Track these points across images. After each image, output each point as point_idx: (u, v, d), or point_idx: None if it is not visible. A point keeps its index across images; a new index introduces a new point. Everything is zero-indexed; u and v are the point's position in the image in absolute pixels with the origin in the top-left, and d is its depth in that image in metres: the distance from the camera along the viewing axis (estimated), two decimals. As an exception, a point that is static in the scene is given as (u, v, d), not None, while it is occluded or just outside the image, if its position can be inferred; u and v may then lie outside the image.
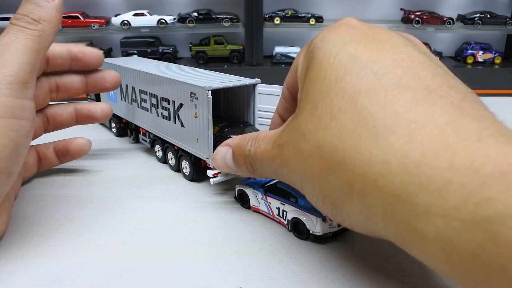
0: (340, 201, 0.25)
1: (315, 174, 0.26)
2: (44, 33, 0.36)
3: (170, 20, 1.75)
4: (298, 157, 0.27)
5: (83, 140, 0.51)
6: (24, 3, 0.37)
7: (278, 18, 1.63)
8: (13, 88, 0.33)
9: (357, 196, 0.24)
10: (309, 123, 0.26)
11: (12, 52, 0.34)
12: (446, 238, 0.19)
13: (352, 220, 0.25)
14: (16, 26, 0.35)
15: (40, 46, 0.36)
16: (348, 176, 0.24)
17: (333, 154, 0.24)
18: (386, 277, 0.32)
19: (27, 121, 0.35)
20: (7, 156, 0.33)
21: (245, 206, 0.43)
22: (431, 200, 0.20)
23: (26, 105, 0.35)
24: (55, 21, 0.37)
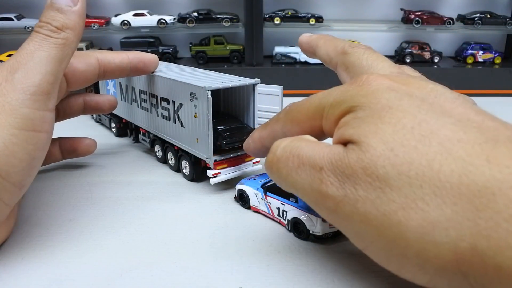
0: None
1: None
2: (67, 41, 0.35)
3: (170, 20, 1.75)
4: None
5: (91, 141, 0.52)
6: (47, 10, 0.35)
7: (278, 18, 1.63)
8: (36, 99, 0.32)
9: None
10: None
11: (36, 61, 0.33)
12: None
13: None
14: (40, 34, 0.34)
15: (64, 54, 0.35)
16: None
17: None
18: (386, 277, 0.32)
19: (45, 133, 0.34)
20: (22, 169, 0.32)
21: (245, 206, 0.43)
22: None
23: (47, 117, 0.34)
24: (79, 28, 0.36)
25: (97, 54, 0.45)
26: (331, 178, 0.25)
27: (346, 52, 0.37)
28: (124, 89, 0.60)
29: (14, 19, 1.13)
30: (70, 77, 0.42)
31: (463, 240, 0.20)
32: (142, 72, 0.50)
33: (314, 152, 0.27)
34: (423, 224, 0.21)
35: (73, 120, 0.52)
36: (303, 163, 0.27)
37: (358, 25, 1.31)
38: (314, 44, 0.42)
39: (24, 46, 0.34)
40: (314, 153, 0.27)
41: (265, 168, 0.31)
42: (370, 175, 0.23)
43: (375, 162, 0.23)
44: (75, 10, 0.36)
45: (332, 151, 0.26)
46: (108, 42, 1.50)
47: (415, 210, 0.22)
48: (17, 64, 0.33)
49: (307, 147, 0.27)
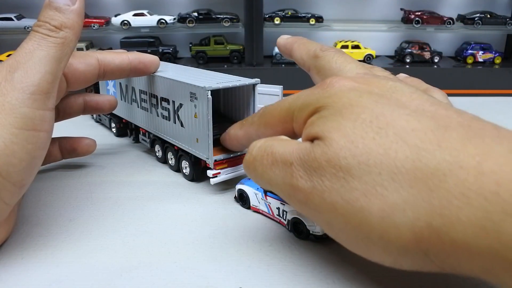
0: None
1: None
2: (66, 40, 0.35)
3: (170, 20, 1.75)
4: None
5: (90, 141, 0.52)
6: (45, 9, 0.36)
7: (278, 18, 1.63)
8: (35, 98, 0.32)
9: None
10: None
11: (35, 60, 0.33)
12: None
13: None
14: (38, 33, 0.34)
15: (63, 54, 0.35)
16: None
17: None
18: (386, 277, 0.32)
19: (45, 133, 0.34)
20: (22, 169, 0.32)
21: (245, 206, 0.43)
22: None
23: (46, 116, 0.34)
24: (77, 26, 0.37)
25: (97, 55, 0.45)
26: (300, 172, 0.27)
27: (318, 56, 0.40)
28: (124, 89, 0.60)
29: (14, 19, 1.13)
30: (69, 77, 0.42)
31: (420, 220, 0.22)
32: (142, 73, 0.50)
33: (285, 149, 0.29)
34: (383, 208, 0.23)
35: (73, 120, 0.52)
36: (276, 160, 0.29)
37: (358, 25, 1.31)
38: (290, 48, 0.45)
39: (23, 46, 0.34)
40: (285, 150, 0.29)
41: (244, 167, 0.33)
42: (334, 167, 0.25)
43: (337, 154, 0.25)
44: (73, 9, 0.36)
45: (300, 147, 0.28)
46: (108, 42, 1.50)
47: (375, 196, 0.23)
48: (16, 63, 0.33)
49: (279, 145, 0.29)
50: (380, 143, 0.24)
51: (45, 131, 0.34)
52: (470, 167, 0.21)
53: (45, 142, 0.35)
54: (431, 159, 0.22)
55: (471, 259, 0.21)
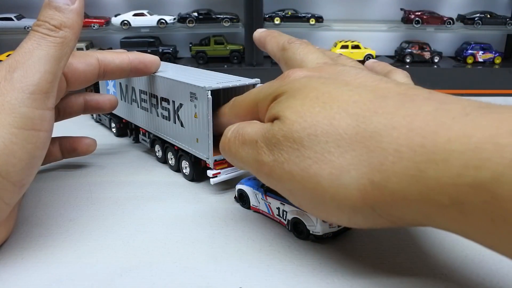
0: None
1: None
2: (66, 40, 0.35)
3: (170, 20, 1.75)
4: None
5: (91, 141, 0.52)
6: (44, 8, 0.36)
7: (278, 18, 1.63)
8: (35, 98, 0.32)
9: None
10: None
11: (35, 60, 0.33)
12: (459, 202, 0.21)
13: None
14: (38, 33, 0.34)
15: (62, 53, 0.35)
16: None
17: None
18: (386, 277, 0.32)
19: (45, 132, 0.34)
20: (21, 169, 0.32)
21: (245, 206, 0.43)
22: (440, 172, 0.22)
23: (46, 116, 0.34)
24: (77, 26, 0.36)
25: (97, 54, 0.45)
26: (264, 148, 0.30)
27: (285, 48, 0.43)
28: (124, 89, 0.60)
29: (14, 19, 1.13)
30: (69, 77, 0.42)
31: (363, 178, 0.25)
32: (142, 73, 0.50)
33: (252, 130, 0.33)
34: (332, 172, 0.26)
35: (73, 120, 0.52)
36: (245, 140, 0.33)
37: (358, 25, 1.30)
38: (263, 41, 0.47)
39: (22, 45, 0.34)
40: (252, 130, 0.32)
41: (220, 149, 0.36)
42: (288, 140, 0.28)
43: (291, 129, 0.28)
44: (73, 9, 0.36)
45: (263, 127, 0.31)
46: (108, 42, 1.50)
47: (324, 162, 0.27)
48: (15, 63, 0.33)
49: (249, 127, 0.33)
50: (325, 116, 0.27)
51: (45, 130, 0.34)
52: (402, 126, 0.24)
53: (45, 141, 0.35)
54: (369, 123, 0.26)
55: (410, 208, 0.24)
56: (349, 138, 0.26)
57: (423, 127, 0.23)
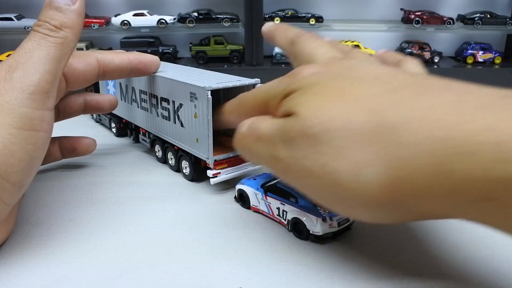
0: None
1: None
2: (66, 40, 0.35)
3: (170, 20, 1.75)
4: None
5: (90, 141, 0.52)
6: (45, 8, 0.35)
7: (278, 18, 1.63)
8: (34, 98, 0.32)
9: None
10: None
11: (35, 60, 0.33)
12: (491, 197, 0.21)
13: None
14: (38, 33, 0.34)
15: (63, 53, 0.35)
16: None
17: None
18: (386, 277, 0.32)
19: (45, 133, 0.34)
20: (21, 169, 0.32)
21: (245, 206, 0.43)
22: (467, 165, 0.21)
23: (46, 116, 0.34)
24: (77, 26, 0.36)
25: (96, 55, 0.45)
26: (279, 144, 0.29)
27: (293, 42, 0.41)
28: (124, 89, 0.60)
29: (14, 19, 1.13)
30: (69, 77, 0.42)
31: (384, 173, 0.24)
32: (142, 74, 0.50)
33: (266, 125, 0.32)
34: (351, 168, 0.25)
35: (73, 120, 0.52)
36: (260, 136, 0.32)
37: (358, 25, 1.30)
38: (272, 35, 0.46)
39: (22, 45, 0.34)
40: (267, 126, 0.32)
41: (234, 145, 0.35)
42: (304, 136, 0.28)
43: (306, 125, 0.28)
44: (73, 9, 0.36)
45: (277, 122, 0.31)
46: (108, 42, 1.50)
47: (342, 157, 0.26)
48: (15, 63, 0.33)
49: (263, 122, 0.33)
50: (340, 111, 0.27)
51: (44, 131, 0.34)
52: (420, 119, 0.24)
53: (44, 142, 0.35)
54: (386, 117, 0.25)
55: (437, 202, 0.23)
56: (366, 133, 0.25)
57: (444, 119, 0.23)
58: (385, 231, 0.38)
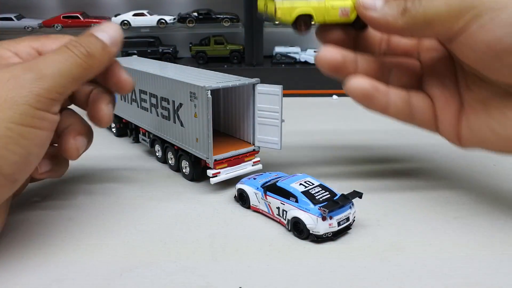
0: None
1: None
2: (90, 68, 0.36)
3: (170, 20, 1.75)
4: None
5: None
6: (88, 36, 0.37)
7: (278, 18, 1.63)
8: (39, 100, 0.33)
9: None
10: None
11: (55, 70, 0.34)
12: None
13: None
14: (71, 51, 0.35)
15: (82, 76, 0.36)
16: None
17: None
18: (386, 277, 0.32)
19: (45, 131, 0.34)
20: (14, 162, 0.32)
21: (245, 206, 0.43)
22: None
23: (47, 117, 0.34)
24: (105, 65, 0.38)
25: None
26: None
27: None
28: (124, 89, 0.60)
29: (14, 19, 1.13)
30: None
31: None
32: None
33: None
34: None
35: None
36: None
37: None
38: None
39: (50, 56, 0.35)
40: None
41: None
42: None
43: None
44: (110, 51, 0.37)
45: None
46: (108, 42, 1.47)
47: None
48: (33, 67, 0.34)
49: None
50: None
51: (45, 129, 0.34)
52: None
53: (43, 140, 0.35)
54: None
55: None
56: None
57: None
58: (385, 231, 0.38)
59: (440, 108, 0.42)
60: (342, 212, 0.37)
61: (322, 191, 0.38)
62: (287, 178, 0.41)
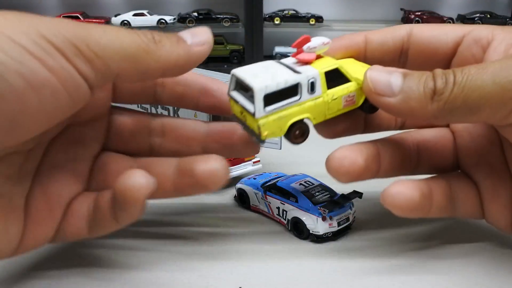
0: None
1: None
2: (155, 54, 0.26)
3: (170, 20, 1.75)
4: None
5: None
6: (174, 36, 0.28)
7: (278, 18, 1.63)
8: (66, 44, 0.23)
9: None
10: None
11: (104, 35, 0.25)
12: None
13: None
14: (134, 33, 0.26)
15: (142, 60, 0.26)
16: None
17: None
18: (386, 277, 0.32)
19: (54, 80, 0.23)
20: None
21: (245, 206, 0.43)
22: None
23: (66, 66, 0.23)
24: (176, 60, 0.28)
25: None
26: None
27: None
28: (124, 89, 0.60)
29: (14, 19, 1.13)
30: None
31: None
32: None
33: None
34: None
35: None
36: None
37: (358, 25, 1.30)
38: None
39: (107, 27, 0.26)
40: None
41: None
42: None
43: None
44: (187, 48, 0.28)
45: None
46: (108, 42, 1.48)
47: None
48: (84, 31, 0.24)
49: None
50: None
51: (60, 82, 0.23)
52: None
53: (43, 78, 0.23)
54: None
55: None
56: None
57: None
58: (385, 231, 0.38)
59: (488, 197, 0.32)
60: (342, 212, 0.37)
61: (322, 191, 0.38)
62: (287, 178, 0.41)
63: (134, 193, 0.26)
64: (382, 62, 0.31)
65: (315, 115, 0.29)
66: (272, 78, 0.27)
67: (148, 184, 0.26)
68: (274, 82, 0.27)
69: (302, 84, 0.28)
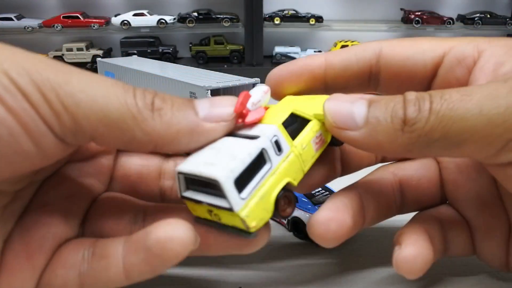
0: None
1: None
2: (145, 121, 0.22)
3: (170, 20, 1.75)
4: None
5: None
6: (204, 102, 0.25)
7: (278, 18, 1.63)
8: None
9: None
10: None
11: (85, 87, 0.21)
12: None
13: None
14: (129, 88, 0.22)
15: (125, 125, 0.22)
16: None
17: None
18: (386, 277, 0.32)
19: (14, 120, 0.20)
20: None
21: (245, 206, 0.43)
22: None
23: (25, 107, 0.20)
24: (184, 131, 0.23)
25: None
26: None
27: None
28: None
29: (14, 19, 1.13)
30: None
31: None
32: None
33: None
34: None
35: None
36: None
37: (358, 25, 1.30)
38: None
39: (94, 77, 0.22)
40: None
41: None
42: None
43: None
44: (192, 120, 0.24)
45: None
46: (108, 42, 1.50)
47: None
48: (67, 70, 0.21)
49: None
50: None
51: (19, 125, 0.20)
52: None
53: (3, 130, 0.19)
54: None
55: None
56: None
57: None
58: (385, 231, 0.38)
59: (480, 237, 0.29)
60: (342, 212, 0.37)
61: (322, 191, 0.38)
62: (287, 178, 0.40)
63: (175, 246, 0.23)
64: (347, 89, 0.28)
65: (293, 175, 0.25)
66: (231, 157, 0.22)
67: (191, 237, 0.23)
68: (237, 161, 0.22)
69: (267, 148, 0.23)
